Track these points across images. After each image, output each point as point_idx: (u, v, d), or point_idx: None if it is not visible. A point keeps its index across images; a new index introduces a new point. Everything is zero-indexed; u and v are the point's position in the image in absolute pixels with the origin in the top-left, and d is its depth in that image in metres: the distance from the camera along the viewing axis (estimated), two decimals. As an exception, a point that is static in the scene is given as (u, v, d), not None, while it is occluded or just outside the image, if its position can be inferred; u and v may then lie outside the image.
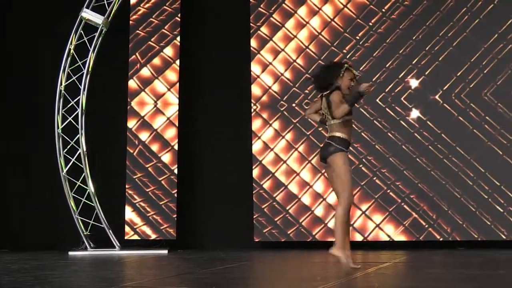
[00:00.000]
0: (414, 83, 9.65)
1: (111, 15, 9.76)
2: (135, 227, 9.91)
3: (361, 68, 9.79)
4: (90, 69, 9.69)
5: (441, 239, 9.44)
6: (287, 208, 9.84)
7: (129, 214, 9.92)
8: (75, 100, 9.64)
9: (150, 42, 10.24)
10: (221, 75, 10.38)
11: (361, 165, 9.71)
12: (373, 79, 9.74)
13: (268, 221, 9.87)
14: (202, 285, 6.17)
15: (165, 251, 9.43)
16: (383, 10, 9.88)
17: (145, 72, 10.19)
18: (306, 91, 9.94)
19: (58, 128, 9.62)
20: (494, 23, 9.57)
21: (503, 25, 9.53)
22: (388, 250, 9.12)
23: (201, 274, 7.01)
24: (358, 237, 9.63)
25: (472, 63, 9.55)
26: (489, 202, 9.34)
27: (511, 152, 9.36)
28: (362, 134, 9.74)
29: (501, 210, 9.33)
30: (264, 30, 10.14)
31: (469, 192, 9.38)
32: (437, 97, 9.56)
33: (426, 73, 9.67)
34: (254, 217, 9.89)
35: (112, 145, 10.26)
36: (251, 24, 10.18)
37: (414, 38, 9.77)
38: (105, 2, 9.68)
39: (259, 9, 10.18)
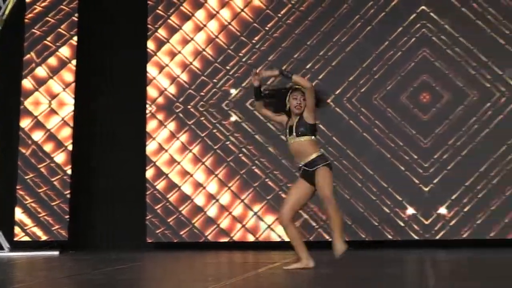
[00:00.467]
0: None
1: (5, 13, 9.64)
2: (25, 228, 9.80)
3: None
4: (-18, 68, 9.58)
5: (330, 239, 9.57)
6: (180, 209, 9.92)
7: (19, 215, 9.80)
8: (-34, 99, 9.52)
9: (46, 42, 10.16)
10: (118, 76, 10.37)
11: (253, 167, 9.86)
12: (268, 82, 9.88)
13: (161, 222, 9.91)
14: (95, 286, 6.17)
15: (57, 253, 9.34)
16: (279, 15, 10.04)
17: (40, 71, 10.11)
18: (202, 93, 10.04)
19: None
20: (385, 30, 9.83)
21: (393, 33, 9.80)
22: (279, 250, 9.24)
23: (93, 275, 7.00)
24: (250, 238, 9.78)
25: (364, 69, 9.79)
26: (377, 203, 9.59)
27: (399, 155, 9.64)
28: (256, 136, 9.90)
29: (388, 211, 9.60)
30: (161, 32, 10.18)
31: (358, 194, 9.60)
32: (329, 101, 9.73)
33: (320, 77, 9.86)
34: (147, 218, 9.93)
35: (3, 145, 10.11)
36: (148, 25, 10.21)
37: (308, 43, 9.95)
38: (-1, -1, 9.58)
39: (157, 11, 10.22)
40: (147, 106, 10.09)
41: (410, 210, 9.56)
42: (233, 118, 9.97)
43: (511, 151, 9.47)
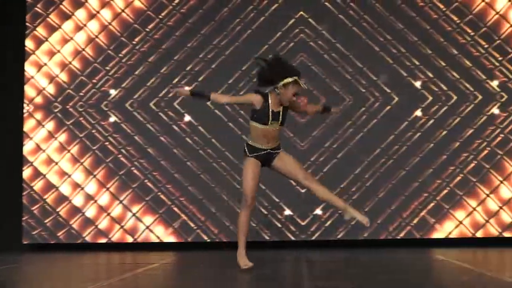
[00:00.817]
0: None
1: None
2: None
3: (136, 73, 9.94)
4: None
5: (208, 240, 9.74)
6: (58, 210, 9.81)
7: None
8: None
9: None
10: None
11: (133, 168, 9.85)
12: (147, 84, 9.92)
13: (38, 223, 9.78)
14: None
15: None
16: (160, 16, 10.06)
17: None
18: (81, 94, 9.96)
19: None
20: (264, 35, 9.96)
21: (272, 37, 9.96)
22: (158, 251, 9.28)
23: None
24: (129, 239, 9.76)
25: (243, 72, 9.90)
26: (255, 205, 9.70)
27: (277, 157, 9.80)
28: (135, 137, 9.89)
29: (266, 213, 9.77)
30: (40, 30, 10.03)
31: (236, 195, 9.70)
32: (209, 103, 9.79)
33: (199, 79, 9.92)
34: (24, 219, 9.78)
35: None
36: (27, 24, 10.05)
37: (189, 45, 10.00)
38: None
39: (36, 9, 10.06)
40: (25, 105, 9.94)
41: (287, 211, 9.76)
42: (112, 118, 9.93)
43: (384, 154, 9.79)
